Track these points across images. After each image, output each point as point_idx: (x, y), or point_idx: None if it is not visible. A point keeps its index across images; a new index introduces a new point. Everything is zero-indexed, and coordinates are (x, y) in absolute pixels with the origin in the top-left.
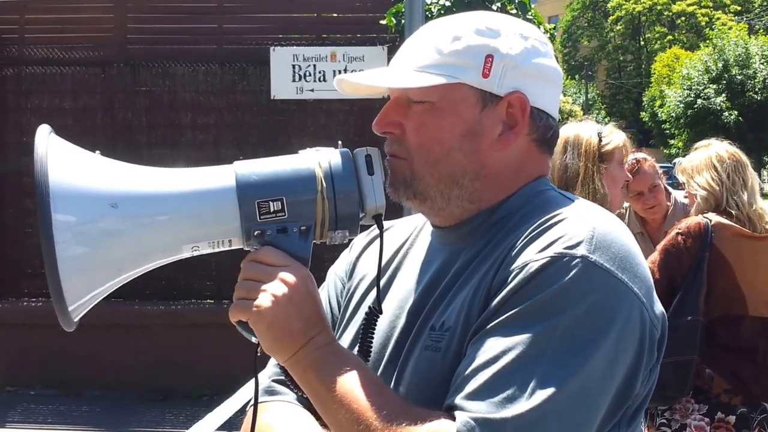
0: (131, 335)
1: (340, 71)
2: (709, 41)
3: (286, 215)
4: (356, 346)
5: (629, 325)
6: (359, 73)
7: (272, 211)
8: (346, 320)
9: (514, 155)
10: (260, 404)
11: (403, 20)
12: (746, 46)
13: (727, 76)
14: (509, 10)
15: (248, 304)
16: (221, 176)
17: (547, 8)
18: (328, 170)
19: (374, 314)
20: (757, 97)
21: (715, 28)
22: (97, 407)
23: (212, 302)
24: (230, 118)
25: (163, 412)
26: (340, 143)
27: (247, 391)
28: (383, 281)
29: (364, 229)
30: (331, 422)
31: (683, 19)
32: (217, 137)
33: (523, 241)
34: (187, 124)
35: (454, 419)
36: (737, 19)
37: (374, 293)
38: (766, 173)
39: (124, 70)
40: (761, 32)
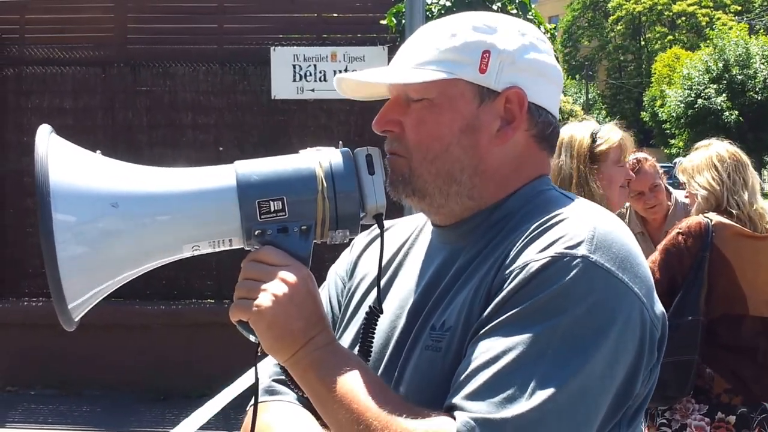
0: (132, 335)
1: (340, 71)
2: (709, 41)
3: (286, 215)
4: (356, 345)
5: (629, 325)
6: (359, 72)
7: (273, 210)
8: (346, 320)
9: (513, 151)
10: (260, 404)
11: (403, 20)
12: (747, 46)
13: (727, 76)
14: (510, 10)
15: (248, 303)
16: (222, 176)
17: (547, 8)
18: (328, 170)
19: (375, 314)
20: (757, 97)
21: (715, 28)
22: (97, 407)
23: (213, 302)
24: (231, 118)
25: (163, 412)
26: (340, 143)
27: (239, 384)
28: (384, 281)
29: (364, 228)
30: (331, 422)
31: (684, 19)
32: (217, 137)
33: (523, 241)
34: (187, 124)
35: (454, 419)
36: (738, 19)
37: (375, 293)
38: (766, 173)
39: (124, 70)
40: (762, 32)
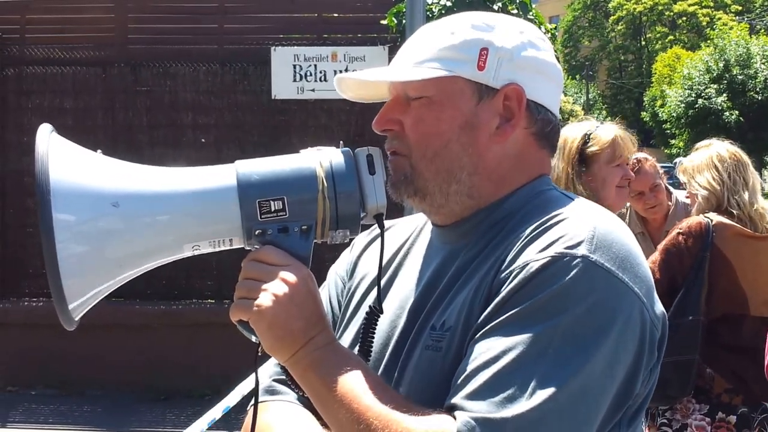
0: (132, 335)
1: (341, 71)
2: (710, 41)
3: (287, 214)
4: (357, 345)
5: (630, 325)
6: (358, 71)
7: (273, 210)
8: (346, 320)
9: (512, 148)
10: (261, 404)
11: (404, 20)
12: (747, 46)
13: (728, 76)
14: (510, 9)
15: (249, 303)
16: (222, 175)
17: (548, 8)
18: (329, 170)
19: (375, 314)
20: (758, 97)
21: (716, 28)
22: (98, 407)
23: (213, 302)
24: (231, 118)
25: (164, 411)
26: (341, 143)
27: (243, 388)
28: (384, 281)
29: (364, 228)
30: (331, 422)
31: (684, 19)
32: (218, 137)
33: (523, 240)
34: (188, 124)
35: (454, 419)
36: (738, 19)
37: (375, 293)
38: (767, 173)
39: (124, 70)
40: (762, 32)
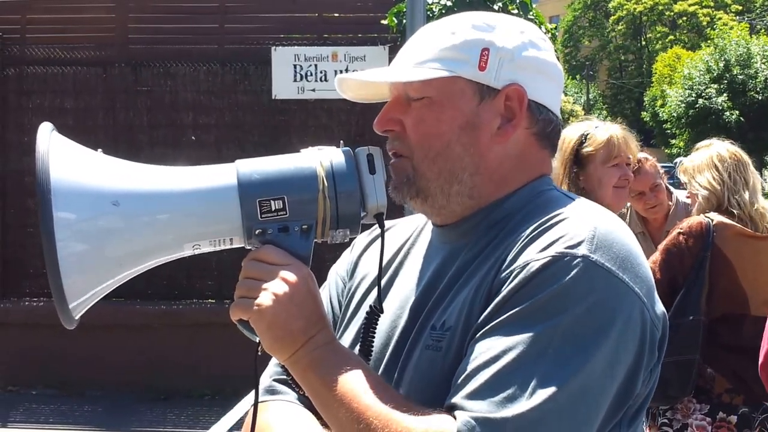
0: (132, 335)
1: (341, 71)
2: (710, 41)
3: (287, 214)
4: (357, 345)
5: (630, 325)
6: (359, 72)
7: (274, 209)
8: (347, 320)
9: (513, 149)
10: (261, 403)
11: (404, 20)
12: (747, 46)
13: (728, 75)
14: (510, 9)
15: (249, 302)
16: (223, 175)
17: (548, 8)
18: (329, 169)
19: (375, 314)
20: (758, 96)
21: (716, 28)
22: (98, 407)
23: (213, 302)
24: (231, 118)
25: (164, 411)
26: (342, 142)
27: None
28: (384, 280)
29: (365, 228)
30: (331, 421)
31: (684, 19)
32: (218, 137)
33: (524, 240)
34: (188, 124)
35: (455, 419)
36: (738, 19)
37: (375, 293)
38: (767, 173)
39: (125, 70)
40: (762, 32)
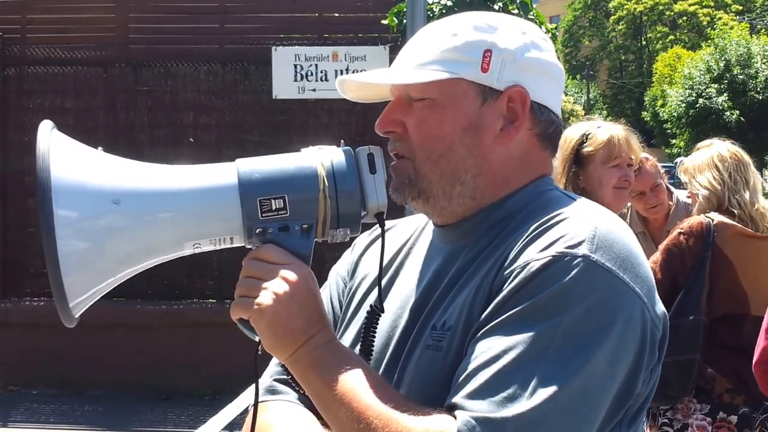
0: (133, 335)
1: (342, 71)
2: (710, 41)
3: (288, 213)
4: (357, 345)
5: (630, 325)
6: (361, 73)
7: (274, 209)
8: (347, 319)
9: (516, 150)
10: (261, 403)
11: (404, 20)
12: (748, 45)
13: (728, 75)
14: (511, 9)
15: (249, 302)
16: (224, 174)
17: (548, 8)
18: (330, 168)
19: (376, 313)
20: (758, 96)
21: (716, 27)
22: (99, 407)
23: (214, 302)
24: (232, 117)
25: (165, 411)
26: (342, 142)
27: (250, 392)
28: (385, 280)
29: (365, 227)
30: (331, 421)
31: (685, 18)
32: (218, 137)
33: (524, 240)
34: (188, 124)
35: (455, 418)
36: (739, 18)
37: (376, 292)
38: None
39: (126, 69)
40: (763, 32)
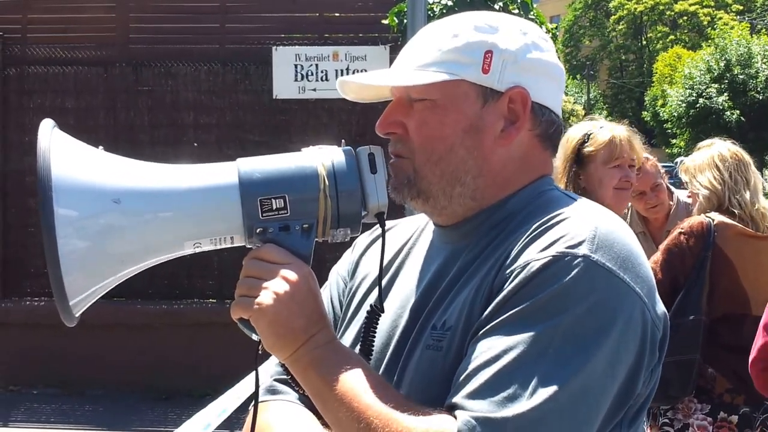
0: (133, 335)
1: (342, 71)
2: (711, 41)
3: (288, 213)
4: (358, 345)
5: (631, 325)
6: (361, 74)
7: (275, 208)
8: (347, 319)
9: (516, 151)
10: (261, 403)
11: (405, 20)
12: (748, 45)
13: (729, 75)
14: (511, 9)
15: (250, 301)
16: (224, 173)
17: (549, 8)
18: (330, 168)
19: (376, 313)
20: (759, 96)
21: (717, 27)
22: (99, 406)
23: (214, 302)
24: (232, 117)
25: (165, 411)
26: (343, 141)
27: (246, 385)
28: (385, 280)
29: (366, 227)
30: (331, 420)
31: (685, 18)
32: (219, 137)
33: (525, 240)
34: (189, 123)
35: (455, 418)
36: (739, 18)
37: (376, 292)
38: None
39: (126, 69)
40: (763, 32)
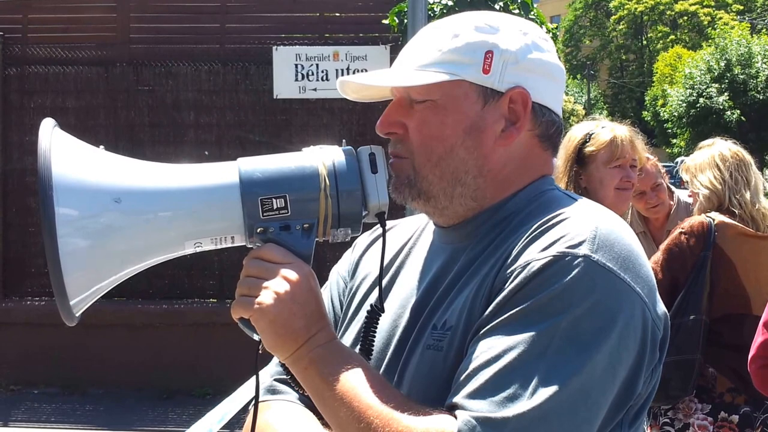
0: (134, 334)
1: (342, 70)
2: (711, 40)
3: (289, 212)
4: (358, 345)
5: (631, 325)
6: (361, 74)
7: (275, 208)
8: (348, 319)
9: (517, 151)
10: (261, 403)
11: (405, 20)
12: (748, 45)
13: (729, 75)
14: (512, 9)
15: (250, 301)
16: (225, 173)
17: (549, 8)
18: (331, 168)
19: (376, 313)
20: (759, 96)
21: (717, 27)
22: (100, 406)
23: (215, 301)
24: (233, 117)
25: (166, 410)
26: (344, 141)
27: (246, 390)
28: (386, 280)
29: (366, 227)
30: (332, 420)
31: (685, 18)
32: (219, 137)
33: (525, 240)
34: (189, 123)
35: (455, 418)
36: (739, 18)
37: (376, 292)
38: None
39: (127, 69)
40: (764, 32)
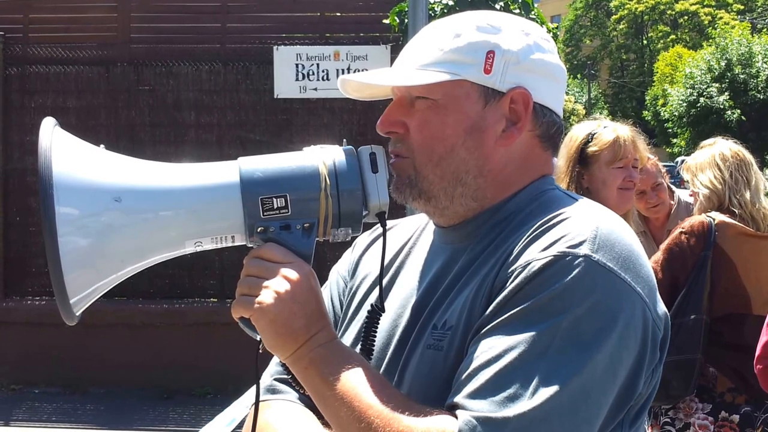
0: (135, 334)
1: (343, 70)
2: (711, 40)
3: (289, 212)
4: (358, 344)
5: (632, 325)
6: (363, 73)
7: (276, 207)
8: (348, 319)
9: (517, 151)
10: (262, 403)
11: (406, 19)
12: (749, 45)
13: (729, 75)
14: (512, 9)
15: (250, 300)
16: (225, 172)
17: (549, 7)
18: (332, 168)
19: (376, 312)
20: (759, 96)
21: (717, 27)
22: (101, 405)
23: (216, 301)
24: (233, 117)
25: (166, 410)
26: (344, 141)
27: (253, 392)
28: (386, 280)
29: (367, 227)
30: (332, 420)
31: (686, 18)
32: (220, 136)
33: (525, 240)
34: (190, 123)
35: (456, 418)
36: (740, 18)
37: (377, 292)
38: None
39: (127, 69)
40: (764, 31)
